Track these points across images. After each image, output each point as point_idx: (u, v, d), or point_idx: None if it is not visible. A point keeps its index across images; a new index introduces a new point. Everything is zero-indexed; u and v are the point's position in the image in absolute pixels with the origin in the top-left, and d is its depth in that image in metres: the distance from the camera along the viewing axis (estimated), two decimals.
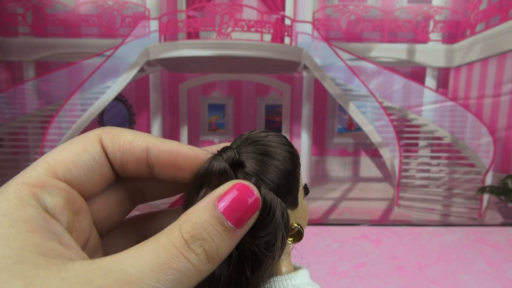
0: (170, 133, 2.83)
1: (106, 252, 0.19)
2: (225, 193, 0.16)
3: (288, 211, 0.18)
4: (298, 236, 0.19)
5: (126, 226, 0.21)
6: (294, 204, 0.19)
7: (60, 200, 0.16)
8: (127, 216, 0.21)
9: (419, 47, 2.94)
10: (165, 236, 0.15)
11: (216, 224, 0.15)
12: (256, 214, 0.16)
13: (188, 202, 0.18)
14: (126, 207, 0.20)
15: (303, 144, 3.02)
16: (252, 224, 0.16)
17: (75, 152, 0.17)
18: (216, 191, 0.16)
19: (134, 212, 0.22)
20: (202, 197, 0.17)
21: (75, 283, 0.12)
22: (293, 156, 0.19)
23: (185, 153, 0.18)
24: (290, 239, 0.19)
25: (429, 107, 2.86)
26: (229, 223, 0.15)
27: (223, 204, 0.15)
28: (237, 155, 0.18)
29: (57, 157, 0.16)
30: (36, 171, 0.16)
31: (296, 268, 0.20)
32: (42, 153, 2.58)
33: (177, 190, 0.21)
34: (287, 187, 0.18)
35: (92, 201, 0.18)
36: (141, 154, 0.18)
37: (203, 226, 0.15)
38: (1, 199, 0.14)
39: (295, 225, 0.19)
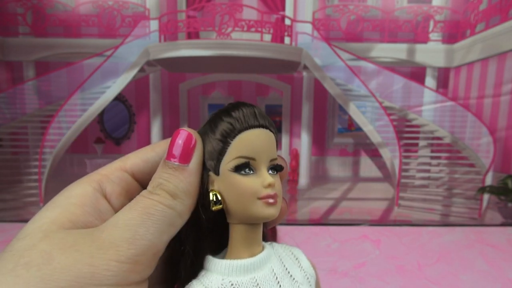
0: (170, 132, 2.82)
1: None
2: (168, 147, 0.19)
3: (211, 175, 0.20)
4: (214, 202, 0.19)
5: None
6: (215, 168, 0.20)
7: (119, 188, 0.19)
8: None
9: (419, 47, 2.94)
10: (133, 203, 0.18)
11: (165, 169, 0.18)
12: (197, 146, 0.19)
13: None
14: None
15: (303, 144, 3.03)
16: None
17: (144, 151, 0.21)
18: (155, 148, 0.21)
19: None
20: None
21: (57, 243, 0.16)
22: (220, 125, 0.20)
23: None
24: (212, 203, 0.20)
25: (429, 107, 2.87)
26: (174, 162, 0.18)
27: (167, 153, 0.19)
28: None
29: (130, 156, 0.21)
30: (112, 165, 0.20)
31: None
32: (42, 153, 2.59)
33: None
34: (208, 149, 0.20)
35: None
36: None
37: (158, 175, 0.18)
38: (76, 182, 0.19)
39: (214, 190, 0.20)
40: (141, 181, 0.21)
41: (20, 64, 2.90)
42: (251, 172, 0.19)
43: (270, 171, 0.20)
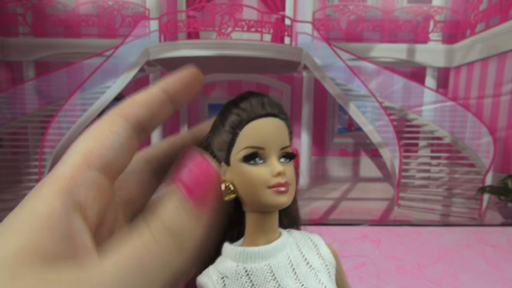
0: (170, 132, 2.82)
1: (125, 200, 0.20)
2: (182, 174, 0.17)
3: (223, 165, 0.20)
4: (227, 192, 0.19)
5: (139, 166, 0.21)
6: (226, 159, 0.20)
7: (92, 193, 0.15)
8: (138, 153, 0.21)
9: (419, 47, 2.94)
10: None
11: (176, 206, 0.16)
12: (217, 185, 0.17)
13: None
14: (151, 187, 0.20)
15: (303, 144, 3.02)
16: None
17: (103, 135, 0.16)
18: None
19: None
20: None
21: None
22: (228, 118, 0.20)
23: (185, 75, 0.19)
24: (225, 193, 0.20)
25: (429, 107, 2.86)
26: (191, 205, 0.16)
27: (183, 186, 0.16)
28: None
29: (88, 145, 0.16)
30: (71, 164, 0.15)
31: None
32: (42, 153, 2.59)
33: None
34: (215, 140, 0.20)
35: (120, 186, 0.19)
36: (160, 101, 0.18)
37: (163, 210, 0.16)
38: (35, 194, 0.14)
39: (226, 180, 0.20)
40: (110, 171, 0.17)
41: (20, 64, 2.90)
42: (261, 161, 0.19)
43: (282, 159, 0.20)
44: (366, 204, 2.79)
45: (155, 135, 2.96)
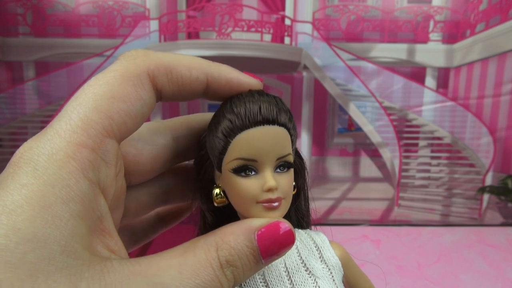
0: None
1: (127, 205, 0.18)
2: (265, 227, 0.16)
3: (217, 171, 0.19)
4: (216, 198, 0.19)
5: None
6: (217, 166, 0.18)
7: (113, 170, 0.14)
8: None
9: (419, 47, 2.93)
10: (203, 253, 0.14)
11: (250, 256, 0.15)
12: (284, 252, 0.16)
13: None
14: (164, 162, 0.19)
15: (303, 144, 3.02)
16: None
17: (128, 100, 0.14)
18: (255, 221, 0.16)
19: None
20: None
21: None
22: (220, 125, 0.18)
23: (240, 80, 0.18)
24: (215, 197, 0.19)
25: (429, 107, 2.86)
26: (261, 257, 0.15)
27: (261, 237, 0.15)
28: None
29: (111, 107, 0.14)
30: (93, 127, 0.13)
31: None
32: None
33: None
34: (208, 142, 0.19)
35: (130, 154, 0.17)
36: (199, 87, 0.17)
37: (238, 253, 0.15)
38: (55, 163, 0.12)
39: (218, 186, 0.19)
40: (125, 141, 0.15)
41: (20, 64, 2.90)
42: (253, 173, 0.18)
43: (279, 169, 0.18)
44: (366, 204, 2.80)
45: None
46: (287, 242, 0.16)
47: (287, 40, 2.83)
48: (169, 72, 0.16)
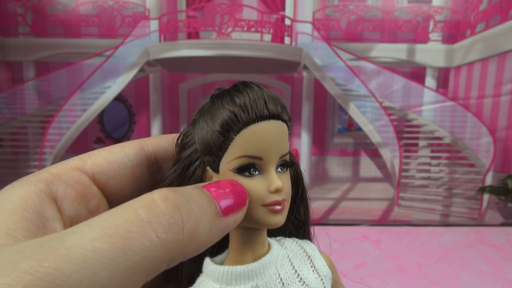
0: (170, 132, 2.81)
1: None
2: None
3: (209, 170, 0.17)
4: None
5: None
6: (214, 166, 0.17)
7: (73, 192, 0.16)
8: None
9: (419, 47, 2.93)
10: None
11: (201, 194, 0.16)
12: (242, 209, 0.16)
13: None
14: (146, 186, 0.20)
15: (303, 144, 3.02)
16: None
17: (110, 150, 0.17)
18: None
19: None
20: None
21: (8, 255, 0.11)
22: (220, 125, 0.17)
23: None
24: None
25: (429, 107, 2.86)
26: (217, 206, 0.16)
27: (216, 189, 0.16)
28: None
29: (92, 153, 0.17)
30: (68, 163, 0.16)
31: None
32: (42, 153, 2.58)
33: None
34: (199, 137, 0.17)
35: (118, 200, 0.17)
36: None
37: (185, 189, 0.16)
38: (25, 181, 0.15)
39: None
40: (102, 186, 0.16)
41: (20, 64, 2.90)
42: (257, 173, 0.16)
43: (279, 169, 0.17)
44: (366, 204, 2.80)
45: (155, 135, 2.96)
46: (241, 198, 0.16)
47: (287, 40, 2.83)
48: (154, 143, 0.20)
